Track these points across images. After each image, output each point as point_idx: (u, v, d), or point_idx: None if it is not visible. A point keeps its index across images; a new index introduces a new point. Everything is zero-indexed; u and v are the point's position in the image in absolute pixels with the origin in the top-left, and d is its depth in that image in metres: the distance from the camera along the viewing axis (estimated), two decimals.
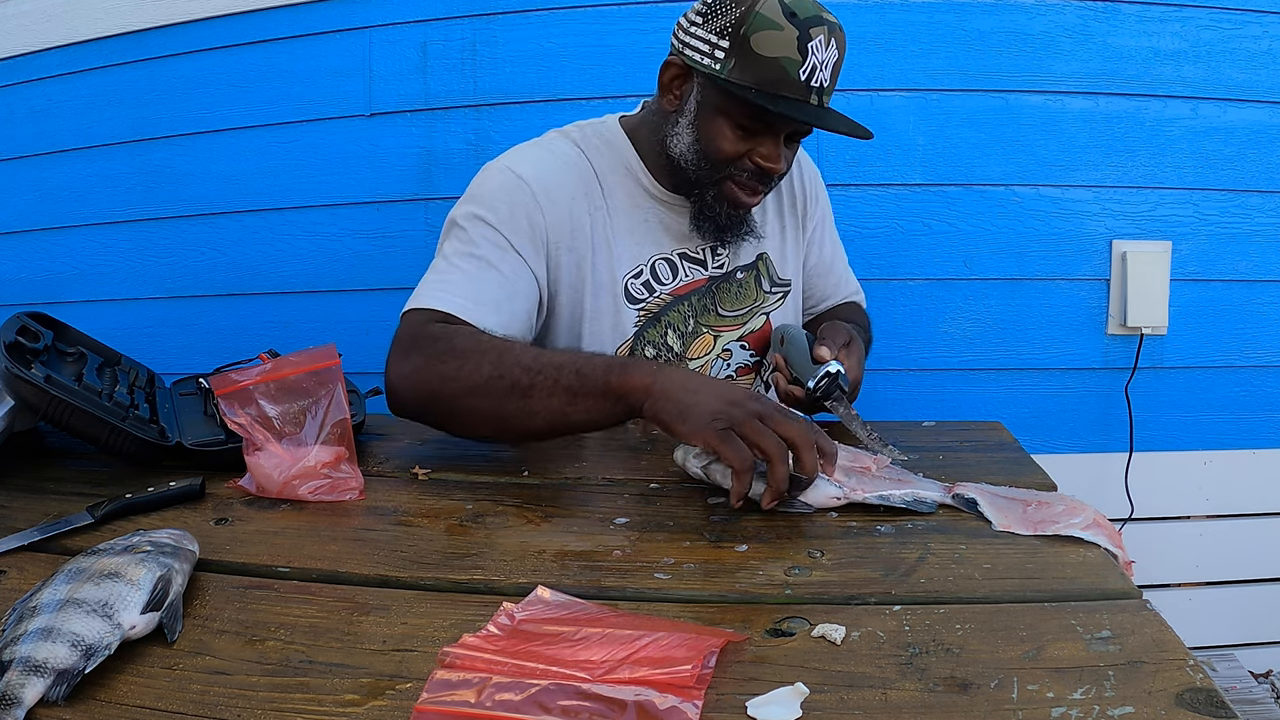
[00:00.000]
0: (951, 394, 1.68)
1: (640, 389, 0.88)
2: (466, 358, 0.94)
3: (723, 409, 0.82)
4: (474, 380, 0.93)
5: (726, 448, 0.80)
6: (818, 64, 0.98)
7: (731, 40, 0.99)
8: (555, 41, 1.62)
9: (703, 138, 1.06)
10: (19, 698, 0.52)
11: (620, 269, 1.13)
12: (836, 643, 0.61)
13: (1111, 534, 0.78)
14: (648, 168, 1.15)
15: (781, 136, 1.05)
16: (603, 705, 0.52)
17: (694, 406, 0.84)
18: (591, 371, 0.90)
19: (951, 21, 1.58)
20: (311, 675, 0.58)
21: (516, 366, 0.92)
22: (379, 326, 1.70)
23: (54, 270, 1.81)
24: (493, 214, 1.06)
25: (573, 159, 1.13)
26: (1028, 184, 1.62)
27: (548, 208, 1.07)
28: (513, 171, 1.09)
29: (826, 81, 1.01)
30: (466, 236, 1.06)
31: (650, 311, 1.15)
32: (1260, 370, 1.66)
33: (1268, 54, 1.58)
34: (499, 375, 0.92)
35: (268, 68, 1.68)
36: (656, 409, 0.86)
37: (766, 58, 0.98)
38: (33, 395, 0.93)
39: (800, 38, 0.97)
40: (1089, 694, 0.54)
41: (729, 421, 0.81)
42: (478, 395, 0.93)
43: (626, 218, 1.14)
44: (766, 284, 1.23)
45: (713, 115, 1.04)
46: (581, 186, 1.11)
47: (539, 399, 0.91)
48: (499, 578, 0.72)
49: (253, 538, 0.80)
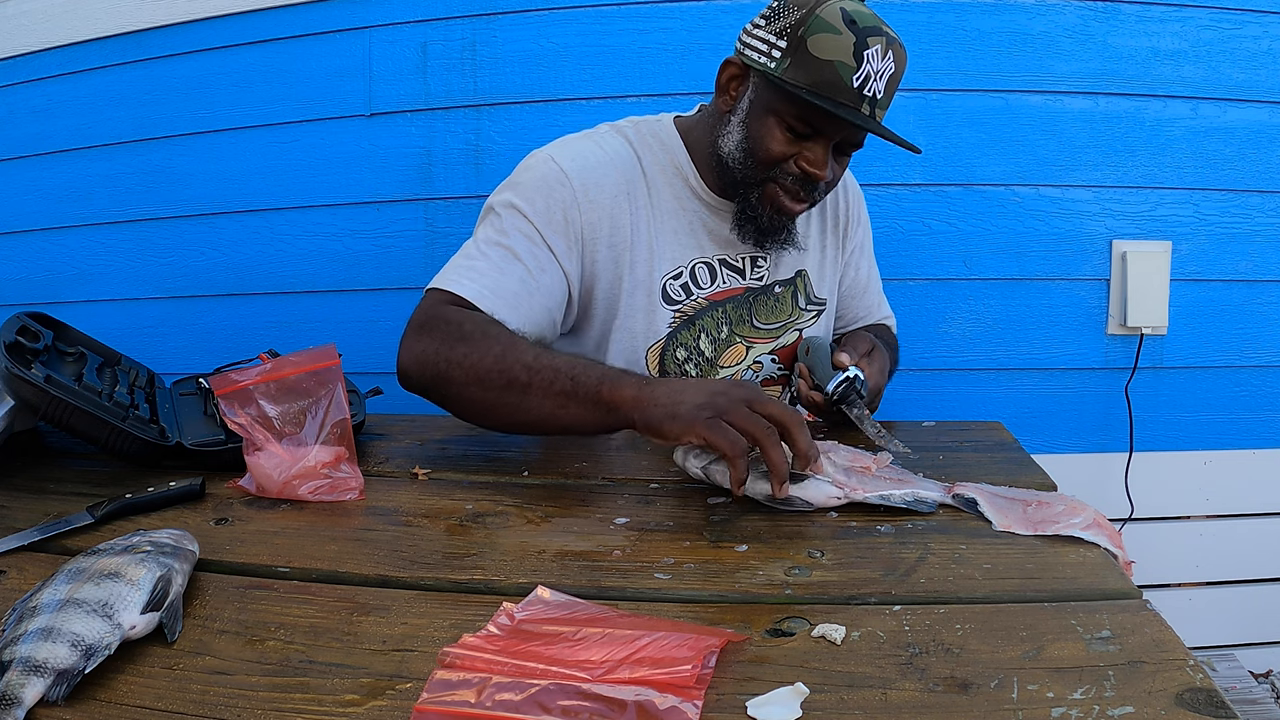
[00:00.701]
0: (951, 394, 1.67)
1: (629, 401, 0.89)
2: (474, 346, 0.96)
3: (708, 400, 0.84)
4: (477, 369, 0.95)
5: (716, 436, 0.81)
6: (872, 73, 0.98)
7: (789, 40, 1.00)
8: (555, 41, 1.62)
9: (752, 136, 1.06)
10: (19, 698, 0.52)
11: (660, 269, 1.14)
12: (836, 643, 0.61)
13: (1111, 534, 0.78)
14: (698, 170, 1.15)
15: (829, 145, 1.05)
16: (603, 705, 0.52)
17: (680, 405, 0.85)
18: (586, 379, 0.92)
19: (951, 21, 1.58)
20: (311, 675, 0.58)
21: (518, 363, 0.94)
22: (379, 326, 1.70)
23: (54, 270, 1.81)
24: (529, 205, 1.07)
25: (621, 155, 1.13)
26: (1028, 184, 1.62)
27: (586, 205, 1.08)
28: (556, 164, 1.09)
29: (880, 93, 1.00)
30: (500, 225, 1.07)
31: (686, 314, 1.16)
32: (1260, 370, 1.66)
33: (1268, 54, 1.58)
34: (501, 369, 0.94)
35: (268, 68, 1.68)
36: (646, 417, 0.87)
37: (821, 60, 0.98)
38: (33, 395, 0.93)
39: (857, 44, 0.97)
40: (1089, 694, 0.54)
41: (715, 411, 0.83)
42: (479, 384, 0.96)
43: (672, 219, 1.14)
44: (802, 300, 1.24)
45: (763, 114, 1.05)
46: (625, 184, 1.11)
47: (534, 397, 0.93)
48: (499, 578, 0.72)
49: (253, 538, 0.80)
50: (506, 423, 0.99)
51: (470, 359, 0.96)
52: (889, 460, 0.93)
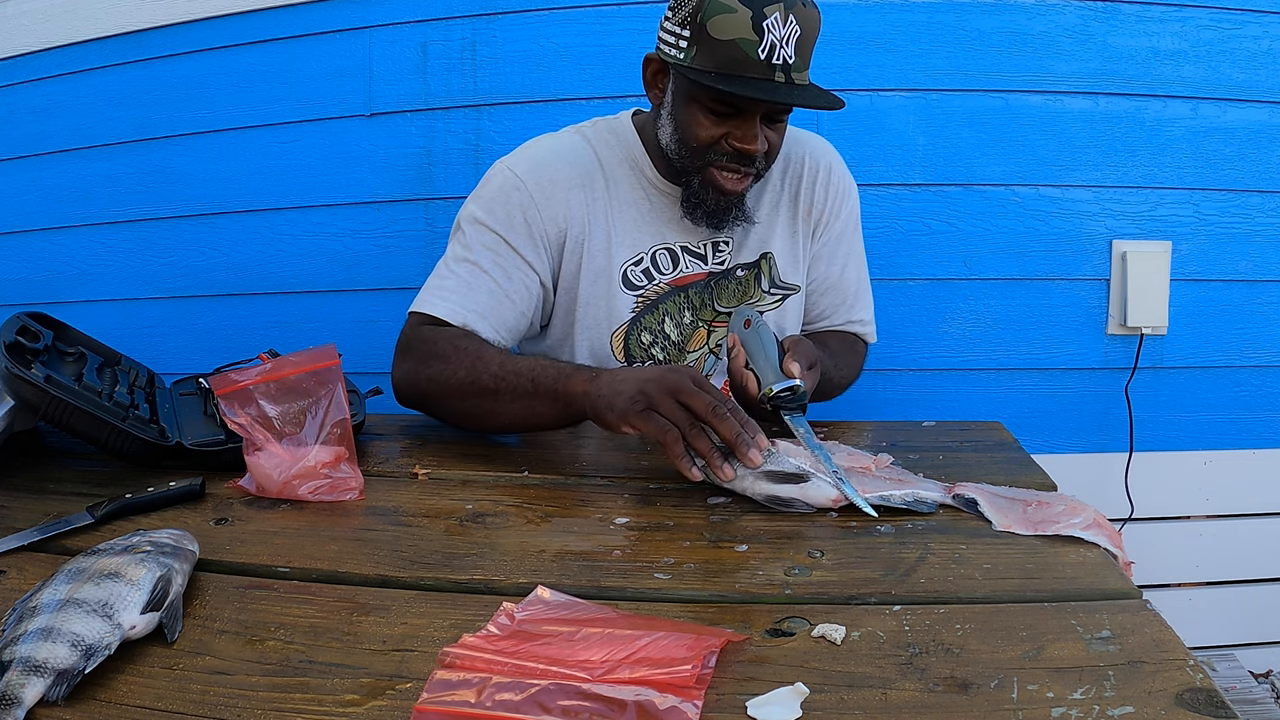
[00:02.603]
0: (951, 394, 1.67)
1: (580, 394, 0.96)
2: (446, 363, 1.05)
3: (638, 391, 0.90)
4: (451, 383, 1.05)
5: (648, 425, 0.88)
6: (776, 41, 0.99)
7: (691, 29, 1.02)
8: (555, 41, 1.62)
9: (680, 127, 1.09)
10: (19, 698, 0.52)
11: (619, 255, 1.17)
12: (836, 643, 0.61)
13: (1111, 534, 0.78)
14: (652, 161, 1.18)
15: (756, 117, 1.05)
16: (603, 705, 0.52)
17: (618, 396, 0.91)
18: (543, 379, 1.00)
19: (951, 21, 1.58)
20: (311, 675, 0.58)
21: (485, 373, 1.02)
22: (379, 326, 1.70)
23: (54, 270, 1.81)
24: (491, 217, 1.13)
25: (576, 151, 1.18)
26: (1028, 184, 1.62)
27: (543, 203, 1.13)
28: (512, 172, 1.15)
29: (791, 57, 1.00)
30: (466, 241, 1.14)
31: (648, 299, 1.18)
32: (1260, 370, 1.66)
33: (1268, 54, 1.58)
34: (471, 380, 1.03)
35: (268, 68, 1.68)
36: (594, 408, 0.95)
37: (723, 41, 1.00)
38: (33, 395, 0.92)
39: (754, 17, 0.98)
40: (1089, 694, 0.54)
41: (646, 402, 0.89)
42: (456, 397, 1.06)
43: (631, 208, 1.18)
44: (766, 283, 1.24)
45: (685, 104, 1.08)
46: (579, 176, 1.16)
47: (504, 402, 1.02)
48: (499, 578, 0.72)
49: (253, 538, 0.80)
50: (488, 426, 1.09)
51: (444, 374, 1.05)
52: (889, 461, 0.94)
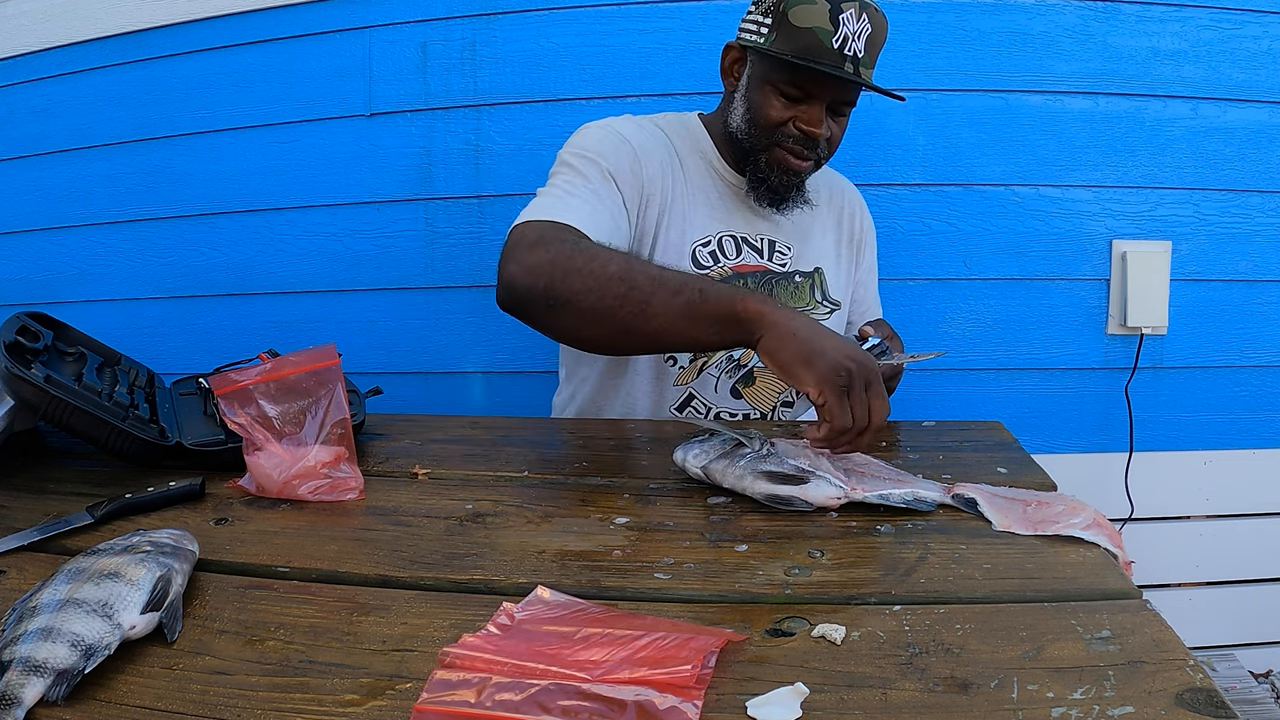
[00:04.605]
0: (951, 394, 1.67)
1: (763, 317, 0.92)
2: (595, 257, 0.98)
3: (842, 366, 0.87)
4: (600, 276, 0.97)
5: (838, 405, 0.86)
6: (850, 34, 1.10)
7: (774, 17, 1.13)
8: (555, 41, 1.62)
9: (753, 107, 1.19)
10: (19, 698, 0.52)
11: (691, 235, 1.23)
12: (836, 643, 0.61)
13: (1111, 534, 0.78)
14: (719, 152, 1.27)
15: (823, 105, 1.16)
16: (603, 705, 0.52)
17: (820, 355, 0.88)
18: (713, 289, 0.95)
19: (951, 21, 1.58)
20: (311, 675, 0.58)
21: (642, 274, 0.97)
22: (379, 326, 1.70)
23: (54, 270, 1.81)
24: (600, 156, 1.16)
25: (657, 133, 1.25)
26: (1028, 184, 1.62)
27: (645, 162, 1.19)
28: (615, 129, 1.21)
29: (860, 52, 1.12)
30: (578, 172, 1.15)
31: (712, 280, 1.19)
32: (1260, 370, 1.66)
33: (1268, 54, 1.58)
34: (624, 277, 0.96)
35: (268, 68, 1.68)
36: (774, 347, 0.90)
37: (802, 28, 1.10)
38: (33, 395, 0.93)
39: (832, 10, 1.09)
40: (1089, 694, 0.54)
41: (847, 380, 0.87)
42: (599, 293, 0.96)
43: (701, 193, 1.25)
44: (818, 293, 1.31)
45: (760, 85, 1.17)
46: (666, 155, 1.23)
47: (656, 306, 0.95)
48: (499, 578, 0.72)
49: (253, 538, 0.80)
50: (620, 330, 0.98)
51: (592, 266, 0.97)
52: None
